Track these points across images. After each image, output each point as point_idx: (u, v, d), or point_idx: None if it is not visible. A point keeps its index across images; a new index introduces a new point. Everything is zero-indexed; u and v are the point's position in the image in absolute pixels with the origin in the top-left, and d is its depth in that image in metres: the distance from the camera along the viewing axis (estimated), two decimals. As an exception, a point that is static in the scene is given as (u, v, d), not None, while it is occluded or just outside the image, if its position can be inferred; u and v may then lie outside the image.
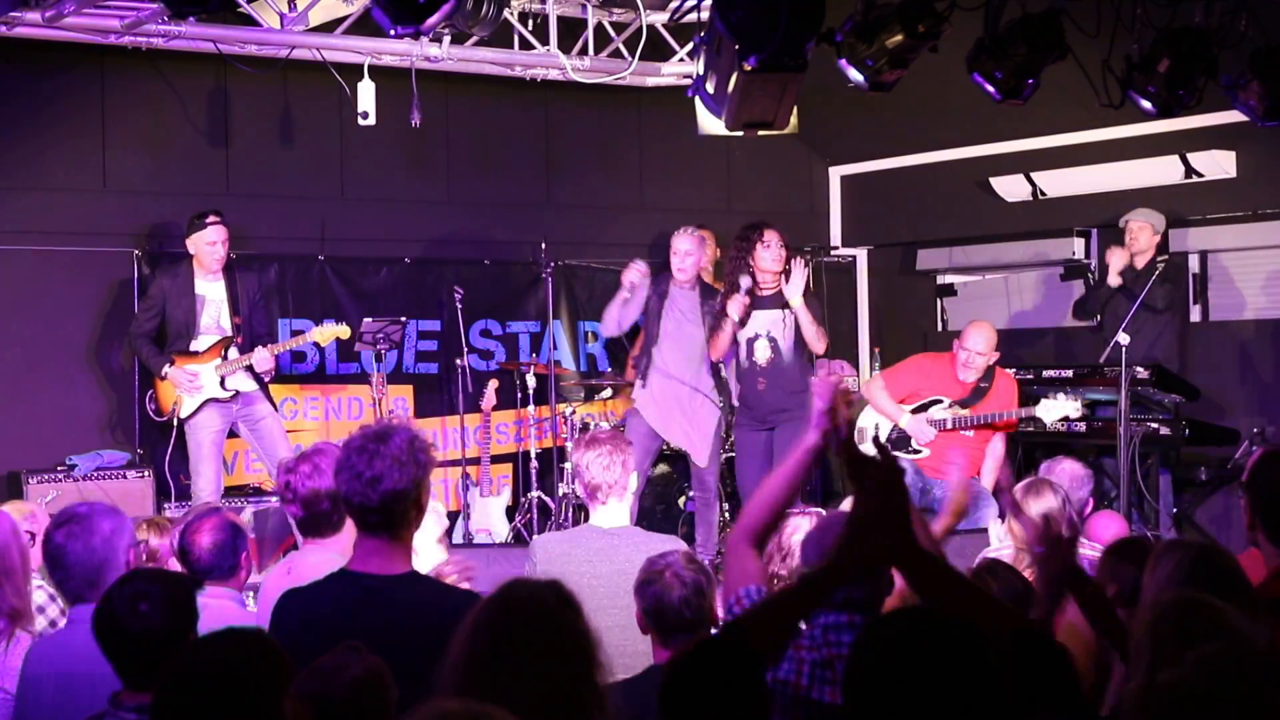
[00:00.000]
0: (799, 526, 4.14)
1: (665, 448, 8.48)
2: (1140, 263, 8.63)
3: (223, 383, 8.13)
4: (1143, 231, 8.65)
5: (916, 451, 8.14)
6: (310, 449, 4.28)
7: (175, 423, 8.12)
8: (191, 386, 8.07)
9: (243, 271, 8.53)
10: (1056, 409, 7.99)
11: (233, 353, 8.18)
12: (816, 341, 8.01)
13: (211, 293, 8.24)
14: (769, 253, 7.97)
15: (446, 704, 2.20)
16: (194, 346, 8.17)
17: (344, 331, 8.55)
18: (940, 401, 8.17)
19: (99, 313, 8.87)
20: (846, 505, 3.57)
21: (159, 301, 8.24)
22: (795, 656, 3.20)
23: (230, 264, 8.35)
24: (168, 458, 8.29)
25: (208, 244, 8.15)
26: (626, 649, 4.05)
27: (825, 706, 3.13)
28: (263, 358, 8.16)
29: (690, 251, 8.05)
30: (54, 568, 3.89)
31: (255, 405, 8.23)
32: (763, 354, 8.00)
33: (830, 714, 3.12)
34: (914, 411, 8.17)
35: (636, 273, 8.11)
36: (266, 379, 8.34)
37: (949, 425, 8.08)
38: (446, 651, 2.64)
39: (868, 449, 2.76)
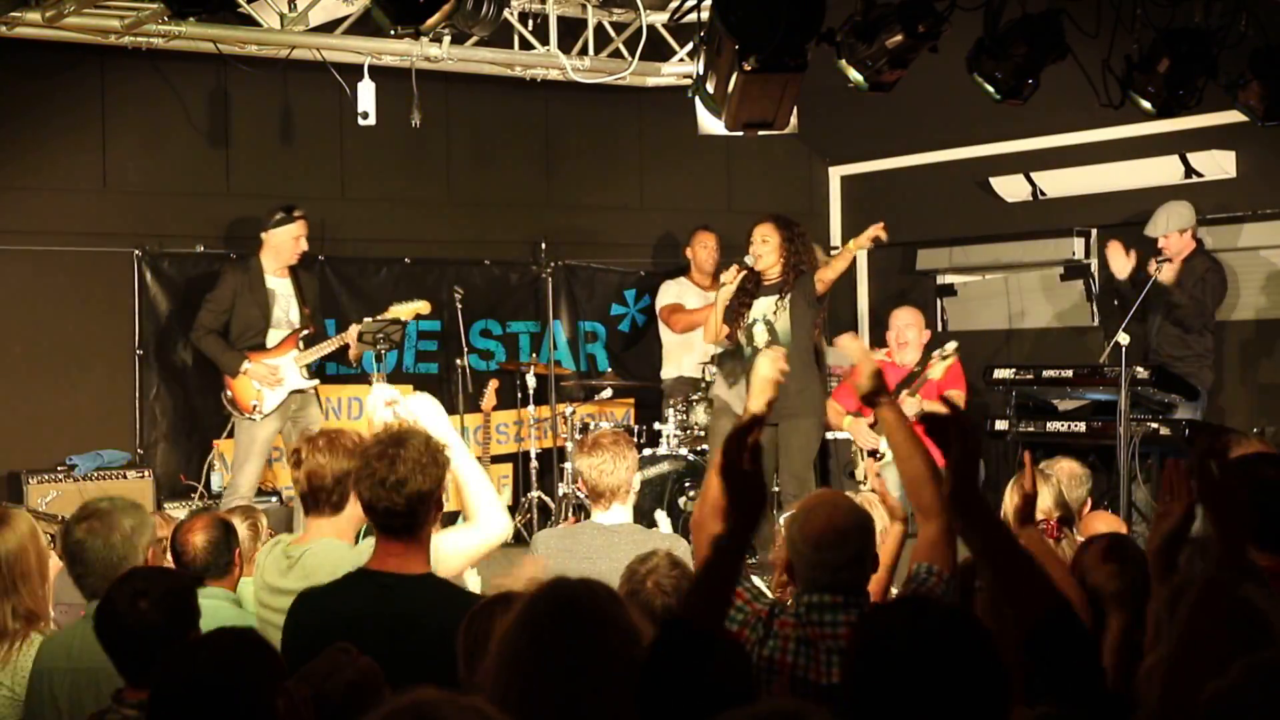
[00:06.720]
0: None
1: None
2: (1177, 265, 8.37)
3: (303, 372, 8.25)
4: (1169, 239, 8.37)
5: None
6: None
7: (259, 419, 8.16)
8: (274, 379, 8.14)
9: (304, 271, 8.61)
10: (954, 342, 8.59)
11: (305, 343, 8.30)
12: (825, 270, 8.18)
13: (281, 288, 8.33)
14: (753, 247, 8.09)
15: (425, 692, 2.17)
16: (268, 342, 8.24)
17: (424, 307, 8.62)
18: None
19: (99, 313, 8.87)
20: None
21: (229, 299, 8.28)
22: (780, 634, 3.21)
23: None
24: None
25: (293, 238, 8.25)
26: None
27: (810, 684, 3.14)
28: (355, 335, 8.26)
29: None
30: (73, 563, 3.86)
31: (309, 409, 8.33)
32: (760, 338, 8.05)
33: (816, 691, 3.13)
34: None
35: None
36: (356, 364, 8.57)
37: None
38: (484, 652, 2.57)
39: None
